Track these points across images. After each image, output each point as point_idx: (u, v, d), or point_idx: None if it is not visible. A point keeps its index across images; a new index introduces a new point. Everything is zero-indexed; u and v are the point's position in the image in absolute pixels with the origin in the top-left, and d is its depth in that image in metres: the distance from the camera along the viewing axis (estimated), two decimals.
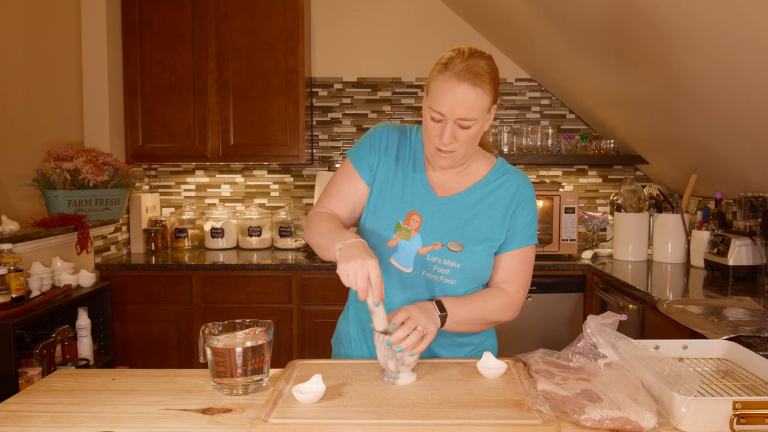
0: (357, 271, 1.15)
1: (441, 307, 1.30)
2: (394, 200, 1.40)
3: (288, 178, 3.62)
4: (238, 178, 3.62)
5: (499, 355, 1.39)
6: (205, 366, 1.23)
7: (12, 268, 2.12)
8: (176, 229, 3.44)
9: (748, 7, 1.69)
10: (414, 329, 1.20)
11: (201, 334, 1.21)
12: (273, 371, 1.27)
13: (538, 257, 3.03)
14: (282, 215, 3.45)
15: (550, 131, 3.43)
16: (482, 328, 1.41)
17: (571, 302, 2.95)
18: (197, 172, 3.63)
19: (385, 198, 1.41)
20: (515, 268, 1.42)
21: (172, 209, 3.63)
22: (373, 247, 1.36)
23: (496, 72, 1.31)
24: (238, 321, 1.28)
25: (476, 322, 1.37)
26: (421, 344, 1.20)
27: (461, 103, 1.25)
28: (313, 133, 3.60)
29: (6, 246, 2.16)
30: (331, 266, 2.95)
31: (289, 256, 3.17)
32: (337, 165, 3.61)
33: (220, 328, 1.24)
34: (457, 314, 1.32)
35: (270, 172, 3.62)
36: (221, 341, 1.20)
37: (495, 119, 3.58)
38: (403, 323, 1.21)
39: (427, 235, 1.37)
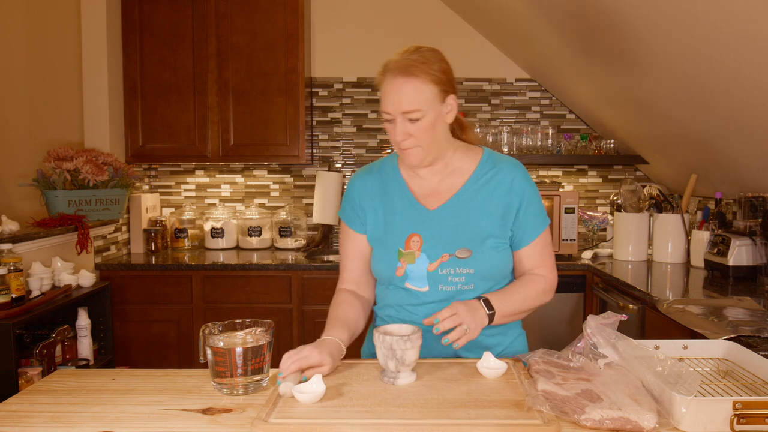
0: (292, 356, 1.20)
1: (489, 305, 1.33)
2: (389, 232, 1.42)
3: (288, 178, 3.62)
4: (238, 178, 3.62)
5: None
6: (205, 366, 1.23)
7: (12, 268, 2.12)
8: (176, 229, 3.44)
9: (747, 8, 1.69)
10: (459, 325, 1.24)
11: (201, 334, 1.21)
12: (273, 371, 1.27)
13: None
14: (282, 215, 3.45)
15: (550, 131, 3.43)
16: (525, 315, 1.46)
17: (571, 302, 2.95)
18: (197, 172, 3.63)
19: (379, 234, 1.43)
20: (541, 254, 1.45)
21: (172, 209, 3.63)
22: (386, 282, 1.43)
23: (437, 62, 1.33)
24: (238, 321, 1.28)
25: (521, 311, 1.41)
26: (461, 340, 1.24)
27: (399, 97, 1.30)
28: (313, 133, 3.60)
29: (6, 246, 2.16)
30: (331, 266, 2.95)
31: (289, 256, 3.17)
32: (338, 165, 3.61)
33: (220, 328, 1.24)
34: (504, 308, 1.35)
35: (270, 172, 3.62)
36: (222, 341, 1.20)
37: (495, 119, 3.58)
38: (447, 318, 1.24)
39: (432, 251, 1.38)
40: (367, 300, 1.51)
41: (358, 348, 1.59)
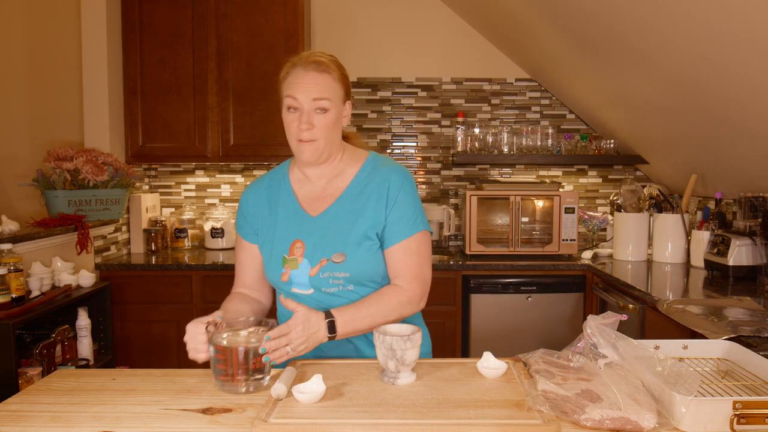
0: (189, 330, 1.26)
1: (332, 327, 1.30)
2: (275, 240, 1.45)
3: None
4: (238, 178, 3.62)
5: (499, 355, 1.39)
6: (205, 366, 1.23)
7: (12, 268, 2.12)
8: (176, 229, 3.44)
9: (747, 8, 1.69)
10: (285, 345, 1.22)
11: (205, 331, 1.21)
12: (273, 371, 1.27)
13: (538, 257, 3.05)
14: None
15: (550, 131, 3.43)
16: (384, 323, 1.37)
17: (571, 302, 2.95)
18: (197, 172, 3.63)
19: (267, 243, 1.46)
20: (402, 261, 1.42)
21: (172, 209, 3.63)
22: (277, 285, 1.47)
23: (342, 67, 1.42)
24: (241, 319, 1.28)
25: (373, 325, 1.33)
26: (281, 358, 1.22)
27: (312, 87, 1.35)
28: None
29: (6, 246, 2.16)
30: None
31: None
32: None
33: (224, 326, 1.25)
34: (350, 328, 1.32)
35: None
36: (224, 340, 1.20)
37: (495, 119, 3.58)
38: (274, 339, 1.22)
39: (313, 256, 1.40)
40: (259, 302, 1.55)
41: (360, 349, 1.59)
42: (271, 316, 1.44)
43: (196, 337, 1.23)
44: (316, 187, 1.47)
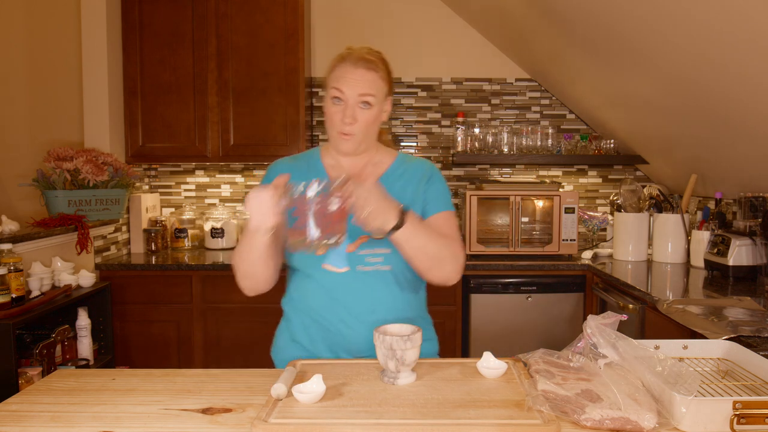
0: (256, 199, 1.22)
1: (402, 219, 1.29)
2: None
3: None
4: (238, 178, 3.62)
5: (499, 355, 1.38)
6: (205, 366, 1.23)
7: (12, 268, 2.12)
8: (176, 229, 3.44)
9: (746, 8, 1.69)
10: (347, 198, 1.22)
11: (272, 193, 1.21)
12: (273, 370, 1.27)
13: (538, 257, 3.05)
14: None
15: (550, 131, 3.43)
16: (430, 263, 1.37)
17: (571, 302, 2.95)
18: (197, 172, 3.63)
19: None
20: (447, 226, 1.46)
21: (172, 209, 3.63)
22: (305, 263, 1.43)
23: (389, 64, 1.48)
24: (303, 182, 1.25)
25: (429, 244, 1.34)
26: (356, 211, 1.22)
27: (359, 82, 1.38)
28: (313, 133, 3.60)
29: (6, 246, 2.16)
30: None
31: None
32: None
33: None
34: (415, 218, 1.33)
35: None
36: (297, 192, 1.21)
37: (495, 119, 3.58)
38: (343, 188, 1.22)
39: (352, 233, 1.38)
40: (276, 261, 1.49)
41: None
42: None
43: (263, 202, 1.21)
44: (354, 168, 1.49)
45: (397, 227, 1.27)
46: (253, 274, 1.40)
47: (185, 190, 3.64)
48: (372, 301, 1.41)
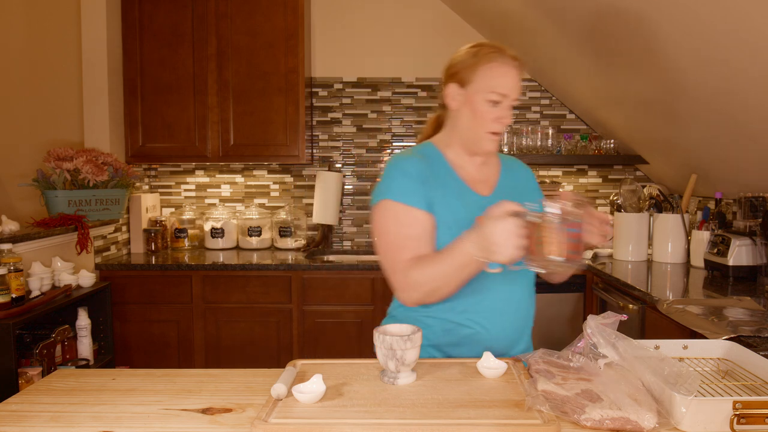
0: (504, 231, 1.15)
1: None
2: (458, 218, 1.38)
3: (288, 178, 3.62)
4: (238, 178, 3.62)
5: (498, 355, 1.38)
6: (205, 366, 1.23)
7: (12, 268, 2.12)
8: (176, 229, 3.45)
9: (747, 8, 1.69)
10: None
11: (515, 217, 1.16)
12: (273, 370, 1.27)
13: None
14: (282, 215, 3.45)
15: (550, 131, 3.43)
16: None
17: (571, 302, 2.95)
18: (197, 172, 3.63)
19: (448, 219, 1.38)
20: None
21: (172, 209, 3.63)
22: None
23: None
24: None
25: None
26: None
27: (516, 83, 1.38)
28: (313, 133, 3.60)
29: (6, 246, 2.16)
30: (331, 266, 2.95)
31: (289, 256, 3.17)
32: (338, 165, 3.60)
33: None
34: None
35: (270, 172, 3.62)
36: (545, 213, 1.16)
37: None
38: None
39: None
40: None
41: (358, 349, 1.59)
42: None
43: (512, 234, 1.15)
44: (471, 171, 1.48)
45: None
46: (445, 295, 1.32)
47: (185, 190, 3.64)
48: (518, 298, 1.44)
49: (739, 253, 2.37)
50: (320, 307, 2.96)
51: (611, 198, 3.41)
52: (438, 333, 1.43)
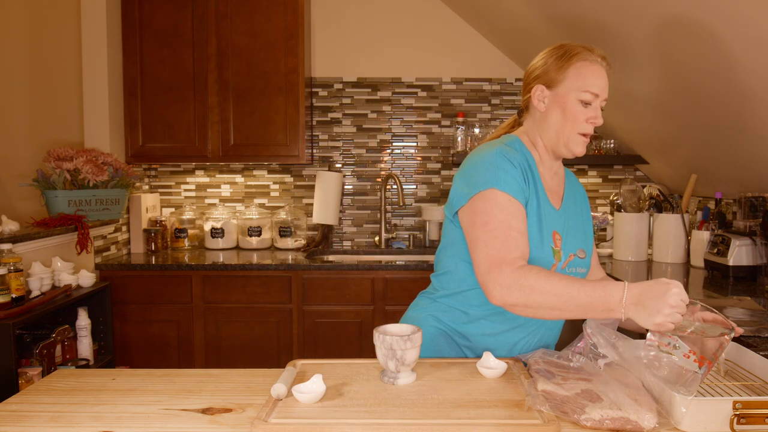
0: (674, 295, 1.11)
1: None
2: (542, 225, 1.36)
3: (288, 178, 3.62)
4: (238, 178, 3.63)
5: (499, 355, 1.39)
6: (205, 366, 1.23)
7: (12, 268, 2.12)
8: (176, 229, 3.45)
9: (747, 8, 1.69)
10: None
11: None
12: (273, 370, 1.27)
13: None
14: (282, 215, 3.45)
15: None
16: None
17: None
18: (197, 172, 3.63)
19: (536, 225, 1.35)
20: (597, 260, 1.60)
21: (172, 209, 3.63)
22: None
23: None
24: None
25: None
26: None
27: (606, 83, 1.37)
28: (313, 133, 3.60)
29: (6, 246, 2.16)
30: (331, 266, 2.95)
31: (289, 256, 3.17)
32: (338, 165, 3.60)
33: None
34: None
35: (270, 172, 3.62)
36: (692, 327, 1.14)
37: (495, 119, 3.58)
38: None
39: (565, 249, 1.39)
40: None
41: (358, 349, 1.59)
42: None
43: (682, 305, 1.11)
44: (547, 179, 1.45)
45: None
46: (542, 315, 1.23)
47: (185, 190, 3.64)
48: None
49: (739, 253, 2.37)
50: (320, 307, 2.96)
51: (611, 198, 3.41)
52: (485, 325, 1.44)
